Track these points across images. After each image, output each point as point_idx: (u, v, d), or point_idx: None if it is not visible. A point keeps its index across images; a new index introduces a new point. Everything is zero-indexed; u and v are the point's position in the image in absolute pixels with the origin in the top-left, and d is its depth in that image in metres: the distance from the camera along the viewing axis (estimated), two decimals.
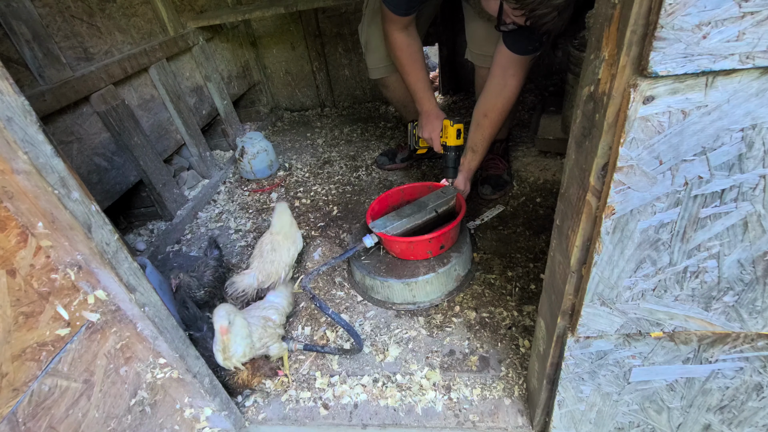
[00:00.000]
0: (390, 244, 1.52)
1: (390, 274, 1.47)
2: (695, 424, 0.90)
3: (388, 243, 1.52)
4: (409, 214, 1.54)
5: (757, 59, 0.46)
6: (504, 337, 1.35)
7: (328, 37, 3.04)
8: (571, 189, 0.70)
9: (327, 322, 1.51)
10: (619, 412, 0.91)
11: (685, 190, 0.57)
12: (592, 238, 0.66)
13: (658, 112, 0.52)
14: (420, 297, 1.49)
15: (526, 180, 2.08)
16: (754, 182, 0.56)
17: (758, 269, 0.64)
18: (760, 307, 0.68)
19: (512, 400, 1.17)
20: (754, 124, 0.51)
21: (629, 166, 0.56)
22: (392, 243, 1.50)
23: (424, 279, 1.45)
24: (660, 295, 0.69)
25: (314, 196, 2.27)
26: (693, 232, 0.61)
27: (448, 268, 1.48)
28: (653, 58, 0.47)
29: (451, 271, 1.50)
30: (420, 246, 1.47)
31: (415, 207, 1.58)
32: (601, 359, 0.82)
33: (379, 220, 1.54)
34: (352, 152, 2.64)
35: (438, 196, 1.60)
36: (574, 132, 0.68)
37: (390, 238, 1.47)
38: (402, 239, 1.47)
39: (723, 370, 0.79)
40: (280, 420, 1.22)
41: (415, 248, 1.48)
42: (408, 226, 1.52)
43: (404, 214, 1.55)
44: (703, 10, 0.44)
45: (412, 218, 1.53)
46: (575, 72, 1.85)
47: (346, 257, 1.52)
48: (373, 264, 1.54)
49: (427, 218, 1.55)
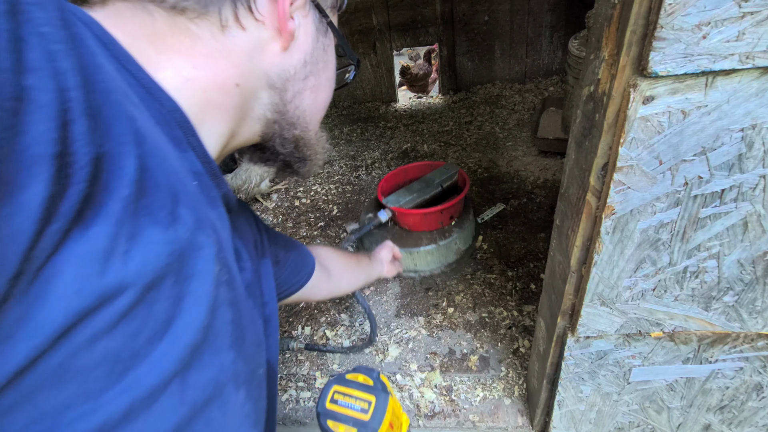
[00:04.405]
0: (404, 217, 1.66)
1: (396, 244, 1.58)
2: (695, 424, 0.90)
3: (401, 216, 1.65)
4: (418, 190, 1.70)
5: (756, 59, 0.46)
6: (504, 337, 1.35)
7: None
8: (571, 189, 0.70)
9: (326, 322, 1.51)
10: (619, 412, 0.91)
11: (684, 190, 0.57)
12: (592, 238, 0.66)
13: (658, 112, 0.52)
14: (421, 266, 1.64)
15: (526, 180, 2.08)
16: (754, 182, 0.56)
17: (758, 269, 0.64)
18: (760, 307, 0.68)
19: (512, 400, 1.17)
20: (754, 124, 0.51)
21: (629, 166, 0.56)
22: (406, 216, 1.64)
23: (425, 249, 1.59)
24: (660, 295, 0.69)
25: (314, 196, 2.27)
26: (693, 232, 0.61)
27: (448, 241, 1.61)
28: (653, 58, 0.47)
29: (451, 245, 1.62)
30: (432, 217, 1.61)
31: (423, 183, 1.73)
32: (601, 359, 0.82)
33: (390, 196, 1.70)
34: (352, 152, 2.64)
35: (442, 173, 1.75)
36: (574, 132, 0.68)
37: (405, 211, 1.61)
38: (416, 211, 1.61)
39: (723, 370, 0.79)
40: (281, 420, 1.22)
41: (428, 219, 1.62)
42: (418, 200, 1.68)
43: (413, 190, 1.71)
44: (702, 10, 0.44)
45: (421, 193, 1.69)
46: (575, 72, 1.85)
47: (364, 232, 1.62)
48: (381, 235, 1.68)
49: (434, 193, 1.70)
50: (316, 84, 0.44)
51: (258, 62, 0.38)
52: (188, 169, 0.32)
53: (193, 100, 0.33)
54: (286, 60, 0.39)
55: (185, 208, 0.27)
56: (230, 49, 0.35)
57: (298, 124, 0.44)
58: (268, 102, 0.40)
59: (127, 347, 0.22)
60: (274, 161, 0.47)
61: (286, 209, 2.20)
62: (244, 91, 0.38)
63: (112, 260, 0.21)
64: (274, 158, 0.46)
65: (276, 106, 0.41)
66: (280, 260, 0.64)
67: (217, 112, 0.36)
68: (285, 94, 0.41)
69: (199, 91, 0.34)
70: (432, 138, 2.62)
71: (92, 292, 0.20)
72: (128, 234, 0.22)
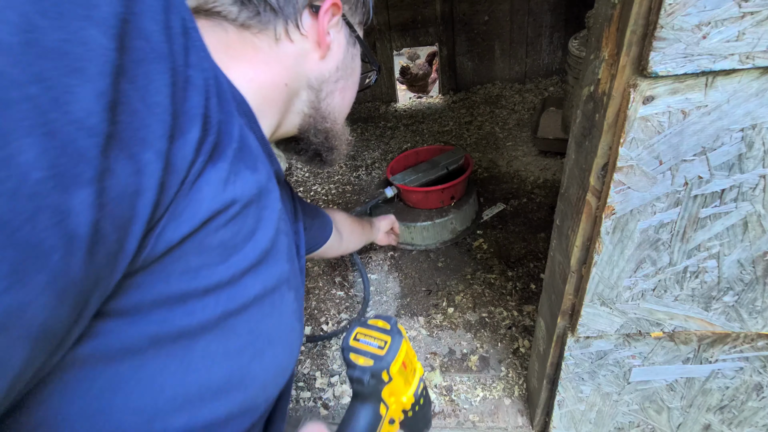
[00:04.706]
0: (408, 194, 1.79)
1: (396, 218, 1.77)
2: (695, 424, 0.90)
3: (406, 193, 1.78)
4: (424, 170, 1.82)
5: (757, 59, 0.46)
6: (504, 337, 1.35)
7: None
8: (571, 189, 0.70)
9: (325, 322, 1.51)
10: (619, 412, 0.91)
11: (685, 190, 0.57)
12: (592, 238, 0.66)
13: (658, 112, 0.52)
14: (417, 240, 1.77)
15: (526, 180, 2.08)
16: (754, 182, 0.56)
17: (758, 269, 0.64)
18: (760, 307, 0.68)
19: (512, 400, 1.17)
20: (754, 124, 0.51)
21: (629, 166, 0.56)
22: (410, 193, 1.77)
23: (422, 225, 1.72)
24: (660, 295, 0.69)
25: (314, 196, 2.27)
26: (693, 232, 0.61)
27: (444, 220, 1.73)
28: (653, 58, 0.47)
29: (447, 224, 1.75)
30: (434, 196, 1.72)
31: (429, 164, 1.85)
32: (601, 359, 0.82)
33: (398, 174, 1.85)
34: (352, 152, 2.64)
35: (449, 156, 1.86)
36: (574, 132, 0.68)
37: (408, 189, 1.73)
38: (418, 189, 1.73)
39: (723, 370, 0.79)
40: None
41: (430, 198, 1.74)
42: (423, 180, 1.79)
43: (420, 170, 1.83)
44: (703, 10, 0.44)
45: (427, 173, 1.81)
46: (575, 72, 1.85)
47: (371, 205, 1.80)
48: (385, 209, 1.84)
49: (439, 174, 1.81)
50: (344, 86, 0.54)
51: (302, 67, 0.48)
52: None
53: (255, 96, 0.43)
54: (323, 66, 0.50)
55: (261, 164, 0.39)
56: (282, 57, 0.46)
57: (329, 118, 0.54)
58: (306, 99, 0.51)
59: (232, 240, 0.35)
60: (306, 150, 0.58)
61: None
62: (291, 90, 0.48)
63: (228, 184, 0.33)
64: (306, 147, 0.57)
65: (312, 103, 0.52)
66: (307, 226, 0.79)
67: (270, 106, 0.46)
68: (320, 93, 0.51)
69: (259, 89, 0.44)
70: (432, 138, 2.62)
71: (220, 200, 0.32)
72: (235, 171, 0.34)
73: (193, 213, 0.30)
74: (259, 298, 0.38)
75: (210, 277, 0.33)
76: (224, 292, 0.35)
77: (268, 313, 0.40)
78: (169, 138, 0.27)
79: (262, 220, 0.38)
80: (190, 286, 0.32)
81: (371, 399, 0.47)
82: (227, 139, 0.33)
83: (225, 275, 0.34)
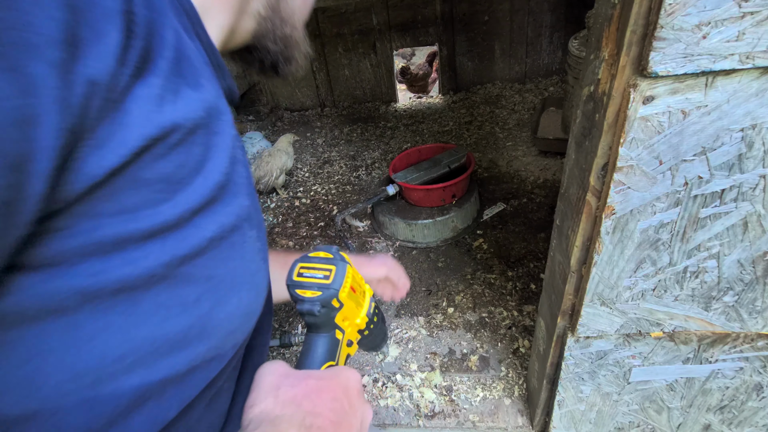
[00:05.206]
0: (409, 192, 1.78)
1: (397, 215, 1.79)
2: (695, 424, 0.90)
3: (407, 191, 1.77)
4: (426, 168, 1.83)
5: (756, 59, 0.46)
6: (504, 337, 1.35)
7: (327, 37, 3.04)
8: (571, 189, 0.70)
9: None
10: (619, 412, 0.91)
11: (685, 190, 0.57)
12: (592, 238, 0.66)
13: (658, 112, 0.51)
14: (418, 238, 1.78)
15: (526, 180, 2.08)
16: (754, 182, 0.56)
17: (758, 269, 0.64)
18: (760, 307, 0.68)
19: (512, 400, 1.17)
20: (754, 124, 0.51)
21: (629, 166, 0.56)
22: (411, 191, 1.75)
23: (422, 223, 1.72)
24: (660, 295, 0.69)
25: (314, 196, 2.27)
26: (693, 232, 0.61)
27: (445, 218, 1.72)
28: (653, 58, 0.47)
29: (448, 222, 1.74)
30: (435, 194, 1.72)
31: (431, 163, 1.87)
32: (601, 359, 0.82)
33: (400, 172, 1.84)
34: (352, 152, 2.64)
35: (450, 155, 1.86)
36: (574, 132, 0.68)
37: (409, 186, 1.73)
38: (419, 187, 1.72)
39: (723, 370, 0.79)
40: None
41: (431, 195, 1.73)
42: (425, 178, 1.79)
43: (422, 168, 1.83)
44: (702, 10, 0.44)
45: (428, 172, 1.81)
46: (575, 72, 1.85)
47: (372, 202, 1.81)
48: (387, 206, 1.84)
49: (441, 172, 1.81)
50: None
51: None
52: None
53: None
54: None
55: (205, 80, 0.33)
56: None
57: (288, 22, 0.48)
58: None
59: (176, 173, 0.29)
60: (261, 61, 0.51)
61: (286, 209, 2.20)
62: None
63: (164, 105, 0.27)
64: (263, 57, 0.50)
65: (270, 2, 0.45)
66: None
67: (220, 5, 0.40)
68: None
69: None
70: (432, 138, 2.62)
71: (156, 124, 0.27)
72: (172, 89, 0.28)
73: (120, 141, 0.25)
74: (216, 240, 0.34)
75: (152, 219, 0.29)
76: (171, 236, 0.30)
77: (228, 256, 0.36)
78: (68, 43, 0.21)
79: (213, 148, 0.32)
80: (127, 229, 0.27)
81: (326, 327, 0.47)
82: (159, 45, 0.27)
83: (171, 216, 0.30)
